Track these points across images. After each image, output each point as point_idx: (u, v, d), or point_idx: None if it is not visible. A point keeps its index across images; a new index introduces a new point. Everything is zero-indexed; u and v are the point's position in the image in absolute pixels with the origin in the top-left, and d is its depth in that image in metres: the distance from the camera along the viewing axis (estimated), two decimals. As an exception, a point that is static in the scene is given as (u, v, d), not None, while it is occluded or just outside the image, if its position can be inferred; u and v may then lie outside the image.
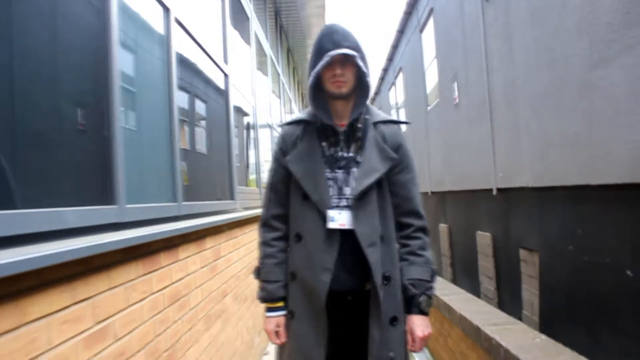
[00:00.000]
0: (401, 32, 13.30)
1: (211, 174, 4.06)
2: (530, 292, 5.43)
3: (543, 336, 4.15)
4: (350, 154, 1.95)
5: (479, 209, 7.21)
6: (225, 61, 4.48)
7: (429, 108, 10.40)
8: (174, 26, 2.95)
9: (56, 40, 1.85)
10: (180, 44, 3.13)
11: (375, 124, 2.00)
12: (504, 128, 6.04)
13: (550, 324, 4.86)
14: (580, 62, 4.06)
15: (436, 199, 9.99)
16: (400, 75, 14.17)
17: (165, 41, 2.86)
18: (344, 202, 1.91)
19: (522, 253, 5.64)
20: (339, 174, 1.94)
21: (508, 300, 6.15)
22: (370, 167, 1.91)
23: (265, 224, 2.09)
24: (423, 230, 2.03)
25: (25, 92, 1.59)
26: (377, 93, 20.36)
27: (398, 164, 1.97)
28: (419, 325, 1.96)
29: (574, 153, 4.24)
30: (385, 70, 17.18)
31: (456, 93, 8.01)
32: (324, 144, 1.96)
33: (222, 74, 4.38)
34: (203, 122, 4.01)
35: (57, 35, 1.87)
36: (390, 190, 1.99)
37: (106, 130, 2.03)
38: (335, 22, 1.92)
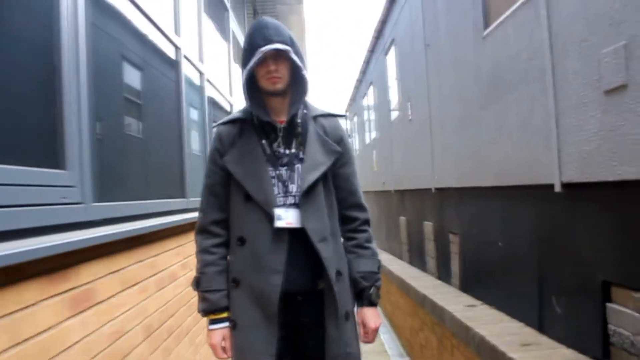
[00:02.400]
0: (371, 51, 15.09)
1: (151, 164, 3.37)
2: (454, 265, 7.25)
3: (453, 289, 5.98)
4: (292, 150, 1.89)
5: (425, 203, 9.04)
6: (201, 59, 4.60)
7: (392, 119, 12.19)
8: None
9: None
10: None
11: (315, 117, 1.95)
12: (438, 142, 7.87)
13: (466, 286, 6.66)
14: (475, 103, 5.88)
15: (398, 196, 11.80)
16: (371, 87, 15.95)
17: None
18: (290, 200, 1.84)
19: (451, 236, 7.46)
20: (283, 171, 1.86)
21: (444, 274, 7.96)
22: (315, 161, 1.86)
23: (203, 230, 1.96)
24: (367, 222, 2.02)
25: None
26: (352, 99, 22.14)
27: (341, 157, 1.94)
28: (370, 317, 1.96)
29: (473, 164, 6.06)
30: (360, 81, 18.95)
31: (409, 111, 9.82)
32: (263, 141, 1.89)
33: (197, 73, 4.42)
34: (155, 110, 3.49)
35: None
36: (334, 184, 1.96)
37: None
38: (266, 17, 1.86)
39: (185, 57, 3.94)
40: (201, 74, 4.57)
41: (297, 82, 1.88)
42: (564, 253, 3.99)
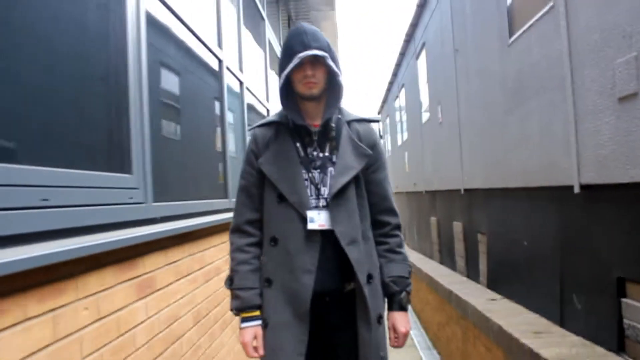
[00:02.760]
0: (402, 54, 15.30)
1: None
2: (482, 263, 7.44)
3: (479, 285, 6.19)
4: (326, 154, 1.91)
5: (454, 204, 9.23)
6: (241, 69, 4.85)
7: (423, 122, 12.39)
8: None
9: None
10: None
11: (349, 122, 1.98)
12: (466, 144, 8.06)
13: (493, 283, 6.85)
14: (501, 108, 6.08)
15: (428, 196, 11.98)
16: (403, 90, 16.15)
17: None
18: (322, 202, 1.87)
19: (479, 236, 7.65)
20: (316, 174, 1.89)
21: (473, 272, 8.14)
22: (346, 165, 1.88)
23: (237, 229, 2.00)
24: (399, 227, 2.02)
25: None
26: (384, 101, 22.34)
27: (374, 162, 1.96)
28: (401, 321, 1.95)
29: (499, 166, 6.26)
30: (391, 84, 19.16)
31: (439, 114, 10.02)
32: (298, 144, 1.91)
33: (238, 81, 4.67)
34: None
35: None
36: (366, 189, 1.96)
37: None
38: (304, 23, 1.89)
39: (227, 68, 4.24)
40: (241, 82, 4.87)
41: (332, 88, 1.90)
42: (583, 251, 4.19)
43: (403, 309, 1.97)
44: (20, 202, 1.45)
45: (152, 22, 2.61)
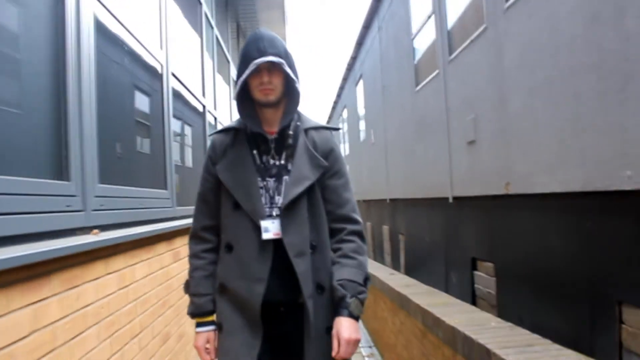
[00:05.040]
0: (345, 79, 17.19)
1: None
2: (402, 257, 9.29)
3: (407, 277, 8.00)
4: (282, 162, 1.86)
5: (383, 211, 11.10)
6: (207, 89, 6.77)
7: (361, 141, 14.25)
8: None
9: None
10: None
11: (307, 130, 1.91)
12: (391, 163, 9.94)
13: (409, 271, 8.67)
14: (412, 138, 7.94)
15: (365, 205, 13.85)
16: (345, 110, 18.03)
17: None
18: (276, 211, 1.82)
19: (400, 236, 9.50)
20: (271, 182, 1.84)
21: (396, 265, 9.97)
22: (300, 175, 1.82)
23: (194, 235, 1.97)
24: (357, 234, 1.92)
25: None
26: (330, 117, 24.19)
27: (329, 169, 1.89)
28: (346, 327, 1.76)
29: (411, 181, 8.11)
30: (336, 103, 21.06)
31: (372, 136, 11.90)
32: (254, 152, 1.86)
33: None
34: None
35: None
36: (323, 196, 1.89)
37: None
38: (262, 29, 1.85)
39: (172, 74, 4.55)
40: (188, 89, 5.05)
41: (290, 94, 1.85)
42: (456, 242, 6.06)
43: (351, 315, 1.78)
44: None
45: (100, 31, 2.64)
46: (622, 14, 2.81)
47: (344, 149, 18.80)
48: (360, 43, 13.23)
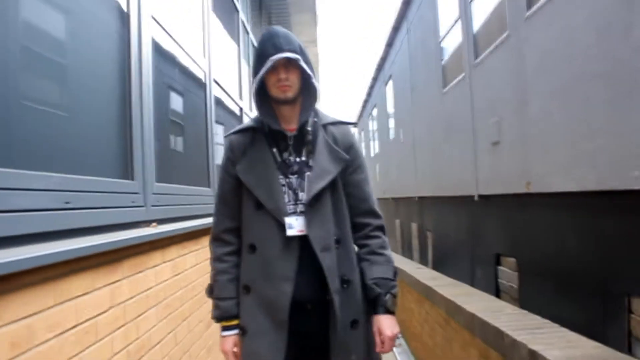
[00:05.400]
0: (375, 79, 17.42)
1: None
2: (430, 253, 9.52)
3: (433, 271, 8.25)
4: (303, 159, 1.85)
5: (411, 209, 11.33)
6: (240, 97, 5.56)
7: (390, 140, 14.48)
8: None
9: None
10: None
11: (325, 126, 1.92)
12: (420, 161, 10.15)
13: (436, 266, 8.89)
14: (440, 137, 8.16)
15: (394, 202, 14.08)
16: (375, 109, 18.26)
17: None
18: (300, 208, 1.82)
19: (428, 233, 9.73)
20: (293, 179, 1.84)
21: (424, 261, 10.19)
22: (322, 169, 1.82)
23: (216, 238, 1.95)
24: (381, 229, 1.96)
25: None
26: (360, 115, 24.41)
27: (351, 164, 1.89)
28: (387, 325, 1.83)
29: (439, 179, 8.34)
30: (366, 101, 21.27)
31: (401, 135, 12.12)
32: (274, 150, 1.85)
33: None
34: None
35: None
36: (345, 191, 1.90)
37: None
38: (276, 26, 1.85)
39: (215, 81, 5.53)
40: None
41: (307, 91, 1.85)
42: (481, 238, 6.28)
43: (388, 311, 1.84)
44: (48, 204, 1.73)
45: (155, 47, 2.92)
46: (631, 27, 3.03)
47: (374, 147, 19.03)
48: (389, 44, 13.45)
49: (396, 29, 12.17)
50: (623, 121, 3.11)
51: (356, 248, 1.94)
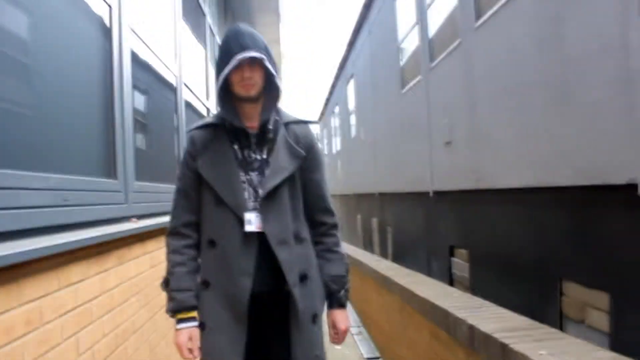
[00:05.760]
0: (337, 78, 17.75)
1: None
2: (390, 247, 9.91)
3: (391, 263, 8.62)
4: (264, 156, 1.87)
5: (373, 204, 11.71)
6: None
7: (352, 137, 14.84)
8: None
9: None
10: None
11: (287, 124, 1.94)
12: (379, 160, 10.52)
13: (396, 258, 9.26)
14: (398, 136, 8.53)
15: (355, 198, 14.46)
16: (337, 107, 18.61)
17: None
18: (259, 204, 1.83)
19: (388, 228, 10.11)
20: (253, 176, 1.85)
21: (383, 254, 10.57)
22: (279, 166, 1.85)
23: (174, 232, 1.94)
24: (336, 227, 2.01)
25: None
26: (322, 113, 24.73)
27: (311, 162, 1.93)
28: (341, 319, 1.95)
29: (397, 176, 8.71)
30: (328, 100, 21.61)
31: (362, 133, 12.48)
32: (235, 146, 1.87)
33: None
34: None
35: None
36: (303, 189, 1.94)
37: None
38: (242, 24, 1.85)
39: (185, 85, 6.01)
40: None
41: (270, 89, 1.86)
42: (435, 232, 6.68)
43: (342, 306, 1.97)
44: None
45: (133, 56, 3.09)
46: (561, 41, 3.41)
47: (336, 144, 19.38)
48: (351, 44, 13.79)
49: (358, 30, 12.52)
50: (554, 125, 3.49)
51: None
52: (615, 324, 2.99)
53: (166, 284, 1.93)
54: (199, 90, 5.71)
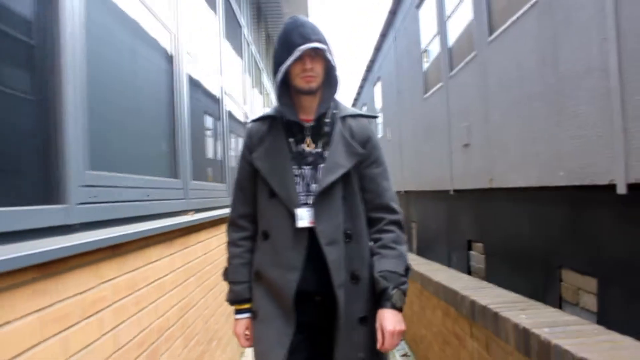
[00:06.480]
0: (364, 79, 18.21)
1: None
2: (414, 243, 10.34)
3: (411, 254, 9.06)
4: (318, 150, 1.81)
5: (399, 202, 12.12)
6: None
7: (379, 137, 15.26)
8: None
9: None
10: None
11: (344, 118, 1.86)
12: (405, 158, 10.96)
13: (420, 253, 9.70)
14: (421, 138, 8.96)
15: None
16: (364, 108, 19.05)
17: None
18: (311, 199, 1.77)
19: (412, 224, 10.55)
20: (307, 170, 1.80)
21: (409, 249, 10.98)
22: (335, 163, 1.77)
23: (232, 223, 1.96)
24: (396, 223, 1.88)
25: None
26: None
27: (367, 157, 1.84)
28: (389, 319, 1.73)
29: (420, 176, 9.15)
30: (356, 100, 22.06)
31: (389, 134, 12.93)
32: (290, 140, 1.82)
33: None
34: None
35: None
36: (361, 185, 1.85)
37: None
38: (299, 15, 1.81)
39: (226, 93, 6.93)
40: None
41: (328, 82, 1.81)
42: (455, 227, 7.11)
43: (394, 307, 1.74)
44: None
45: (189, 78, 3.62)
46: (557, 61, 3.84)
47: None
48: (378, 48, 14.26)
49: (384, 35, 12.98)
50: (553, 132, 3.93)
51: (371, 243, 1.88)
52: (601, 304, 3.43)
53: (226, 274, 1.97)
54: (238, 97, 6.29)
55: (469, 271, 6.54)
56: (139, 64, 2.82)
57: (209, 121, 4.78)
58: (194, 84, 4.02)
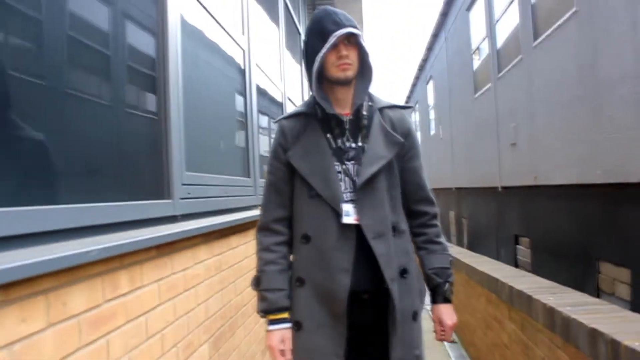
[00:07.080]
0: (417, 77, 18.39)
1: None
2: (465, 238, 10.54)
3: (459, 247, 9.32)
4: (359, 144, 1.71)
5: (450, 198, 12.35)
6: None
7: (431, 134, 15.47)
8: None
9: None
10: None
11: (381, 109, 1.77)
12: (456, 155, 11.16)
13: (471, 247, 9.91)
14: (472, 136, 9.17)
15: (433, 193, 15.07)
16: (417, 105, 19.23)
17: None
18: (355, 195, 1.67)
19: (463, 220, 10.75)
20: (350, 165, 1.69)
21: (460, 244, 11.21)
22: (375, 154, 1.69)
23: (265, 228, 1.79)
24: (436, 217, 1.84)
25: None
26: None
27: (408, 150, 1.77)
28: (447, 314, 1.77)
29: (472, 172, 9.36)
30: (409, 97, 22.22)
31: (440, 131, 13.13)
32: (329, 135, 1.71)
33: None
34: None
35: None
36: (401, 178, 1.77)
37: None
38: (329, 6, 1.74)
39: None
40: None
41: (361, 73, 1.71)
42: (503, 223, 7.33)
43: (447, 300, 1.76)
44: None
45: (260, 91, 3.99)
46: (594, 66, 4.08)
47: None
48: (429, 48, 14.46)
49: (435, 35, 13.18)
50: (589, 133, 4.17)
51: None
52: (634, 293, 3.67)
53: (257, 283, 1.77)
54: (298, 101, 6.71)
55: (516, 265, 6.76)
56: (219, 80, 3.28)
57: (273, 126, 5.21)
58: (261, 92, 4.46)
